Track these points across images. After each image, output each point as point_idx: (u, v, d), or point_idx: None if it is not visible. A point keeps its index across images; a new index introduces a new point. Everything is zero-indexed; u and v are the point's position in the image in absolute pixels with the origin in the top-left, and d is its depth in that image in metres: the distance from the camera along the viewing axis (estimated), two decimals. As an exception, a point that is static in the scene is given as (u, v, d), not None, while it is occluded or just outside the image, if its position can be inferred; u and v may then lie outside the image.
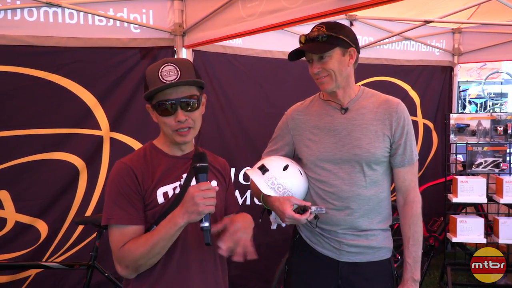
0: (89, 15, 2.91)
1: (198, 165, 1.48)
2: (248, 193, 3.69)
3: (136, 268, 1.51)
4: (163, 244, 1.47)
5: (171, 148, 1.64)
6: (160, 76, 1.51)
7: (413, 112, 4.63)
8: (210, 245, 1.47)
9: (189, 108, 1.55)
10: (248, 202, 3.70)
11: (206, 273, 1.63)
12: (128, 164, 1.55)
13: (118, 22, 3.02)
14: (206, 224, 1.45)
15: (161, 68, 1.52)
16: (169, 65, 1.52)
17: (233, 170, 3.60)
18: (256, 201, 3.60)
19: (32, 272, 2.94)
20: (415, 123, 4.65)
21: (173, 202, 1.54)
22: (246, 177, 3.61)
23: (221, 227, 1.57)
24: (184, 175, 1.61)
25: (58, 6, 2.78)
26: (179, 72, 1.51)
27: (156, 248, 1.47)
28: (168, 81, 1.50)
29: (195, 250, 1.59)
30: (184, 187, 1.57)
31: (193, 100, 1.55)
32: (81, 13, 2.88)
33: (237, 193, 3.62)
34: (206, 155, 1.54)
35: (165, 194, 1.56)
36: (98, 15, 2.93)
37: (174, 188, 1.58)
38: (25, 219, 2.87)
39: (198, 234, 1.50)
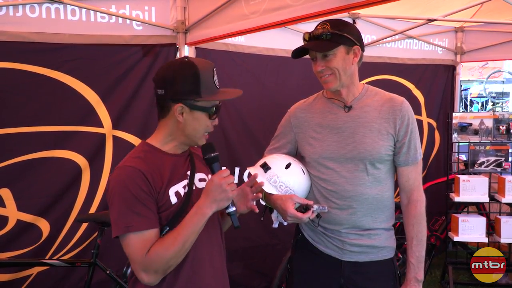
0: (91, 12, 2.90)
1: (213, 155, 1.55)
2: (254, 194, 3.65)
3: (166, 270, 1.49)
4: (193, 238, 1.49)
5: (172, 147, 1.61)
6: (214, 81, 1.56)
7: (417, 111, 4.62)
8: (240, 227, 1.54)
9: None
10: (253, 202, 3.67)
11: (215, 268, 1.64)
12: (137, 167, 1.49)
13: (120, 19, 3.01)
14: (234, 208, 1.54)
15: (213, 73, 1.56)
16: (214, 69, 1.57)
17: (237, 170, 3.59)
18: (260, 200, 3.58)
19: (34, 270, 2.93)
20: (419, 122, 4.63)
21: (185, 201, 1.55)
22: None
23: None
24: (188, 173, 1.61)
25: (60, 2, 2.77)
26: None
27: (187, 244, 1.48)
28: (217, 86, 1.57)
29: (206, 245, 1.60)
30: (191, 185, 1.58)
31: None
32: (83, 10, 2.87)
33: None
34: (214, 144, 1.58)
35: (177, 194, 1.55)
36: (101, 12, 2.92)
37: (184, 187, 1.58)
38: (27, 217, 2.87)
39: (207, 228, 1.53)
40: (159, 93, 1.55)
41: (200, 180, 1.66)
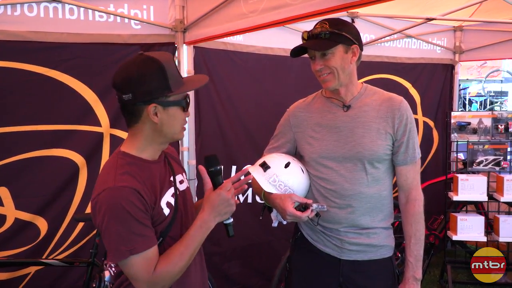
0: (90, 11, 2.89)
1: (218, 167, 1.53)
2: (250, 191, 3.68)
3: (171, 283, 1.48)
4: (197, 250, 1.50)
5: (151, 152, 1.53)
6: (178, 72, 1.50)
7: (413, 110, 4.59)
8: (234, 236, 1.57)
9: None
10: (249, 200, 3.68)
11: (196, 262, 1.64)
12: (132, 186, 1.40)
13: (118, 18, 3.00)
14: (232, 219, 1.56)
15: (175, 63, 1.51)
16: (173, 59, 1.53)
17: (234, 168, 3.59)
18: (257, 198, 3.58)
19: (32, 269, 2.93)
20: (415, 121, 4.63)
21: (175, 211, 1.53)
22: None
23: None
24: (171, 178, 1.59)
25: (58, 1, 2.76)
26: None
27: (193, 256, 1.49)
28: (181, 76, 1.52)
29: None
30: (176, 192, 1.57)
31: None
32: (82, 9, 2.86)
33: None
34: (218, 156, 1.55)
35: (169, 204, 1.52)
36: (99, 11, 2.91)
37: (172, 195, 1.55)
38: (24, 216, 2.86)
39: None
40: (125, 98, 1.43)
41: (180, 182, 1.64)
